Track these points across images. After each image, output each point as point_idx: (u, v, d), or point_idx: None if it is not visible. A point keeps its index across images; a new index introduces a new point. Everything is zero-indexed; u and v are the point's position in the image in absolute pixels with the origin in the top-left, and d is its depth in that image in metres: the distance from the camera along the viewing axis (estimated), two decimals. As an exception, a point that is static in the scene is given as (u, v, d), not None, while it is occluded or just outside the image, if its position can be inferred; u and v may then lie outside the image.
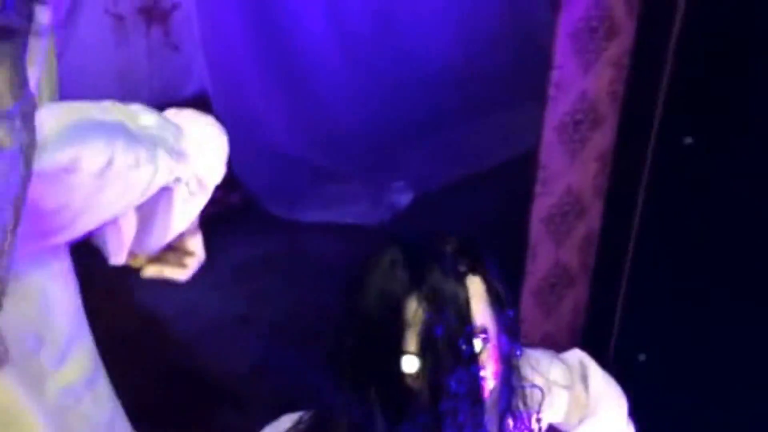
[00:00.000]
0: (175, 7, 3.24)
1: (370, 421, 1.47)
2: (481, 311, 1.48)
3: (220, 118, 2.07)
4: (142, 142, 1.24)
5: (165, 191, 1.28)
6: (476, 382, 1.47)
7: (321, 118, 2.96)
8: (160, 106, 1.36)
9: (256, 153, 2.84)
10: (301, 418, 1.63)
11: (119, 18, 3.17)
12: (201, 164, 1.32)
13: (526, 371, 1.66)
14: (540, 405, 1.62)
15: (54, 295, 1.28)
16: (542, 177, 2.46)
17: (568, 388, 1.65)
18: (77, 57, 2.73)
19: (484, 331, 1.48)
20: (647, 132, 2.26)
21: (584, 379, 1.67)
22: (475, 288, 1.48)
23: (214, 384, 2.47)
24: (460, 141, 2.97)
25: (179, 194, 1.31)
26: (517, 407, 1.58)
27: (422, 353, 1.43)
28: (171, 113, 1.34)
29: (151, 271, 1.38)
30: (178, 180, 1.29)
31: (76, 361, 1.29)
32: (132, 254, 1.34)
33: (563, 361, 1.69)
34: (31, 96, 0.93)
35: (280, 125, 2.94)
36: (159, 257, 1.38)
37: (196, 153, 1.31)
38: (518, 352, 1.56)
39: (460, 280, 1.45)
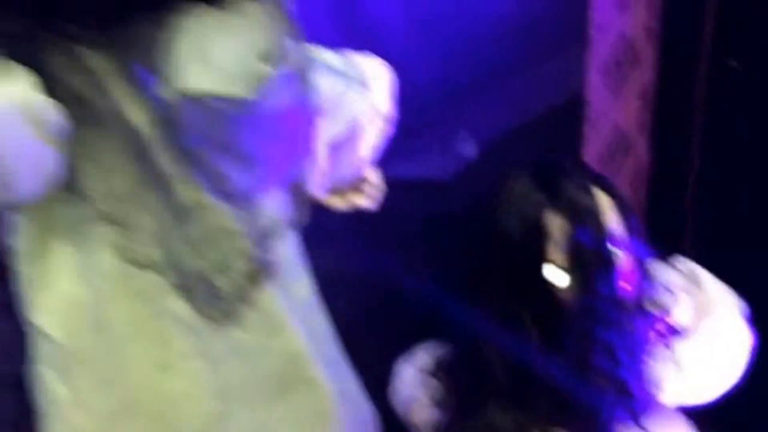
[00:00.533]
0: None
1: (525, 349, 1.50)
2: (613, 220, 1.55)
3: None
4: (344, 76, 1.33)
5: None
6: (616, 285, 1.54)
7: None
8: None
9: None
10: (438, 351, 1.67)
11: None
12: (377, 97, 1.40)
13: (660, 275, 1.72)
14: (669, 307, 1.69)
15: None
16: (590, 117, 2.56)
17: (687, 291, 1.72)
18: None
19: (619, 239, 1.54)
20: (693, 59, 2.35)
21: (697, 282, 1.71)
22: (603, 199, 1.56)
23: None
24: (516, 90, 3.06)
25: (366, 125, 1.38)
26: (650, 309, 1.63)
27: (570, 265, 1.50)
28: (358, 57, 1.42)
29: (340, 202, 1.47)
30: (364, 112, 1.36)
31: (302, 284, 1.36)
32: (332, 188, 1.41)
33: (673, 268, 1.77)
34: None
35: None
36: (354, 188, 1.47)
37: (373, 87, 1.39)
38: (648, 256, 1.62)
39: (590, 192, 1.53)
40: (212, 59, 1.05)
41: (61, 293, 1.21)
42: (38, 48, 1.08)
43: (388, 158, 2.90)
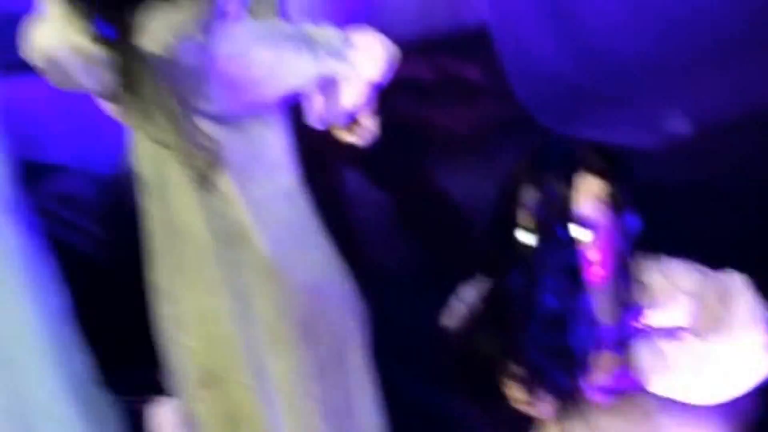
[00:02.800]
0: None
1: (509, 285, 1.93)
2: (588, 206, 1.87)
3: (500, 45, 2.82)
4: (313, 46, 1.86)
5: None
6: (573, 260, 1.87)
7: (593, 47, 3.19)
8: (447, 34, 2.49)
9: (533, 75, 3.07)
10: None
11: None
12: (360, 65, 1.93)
13: (651, 274, 1.99)
14: (654, 303, 1.95)
15: (266, 136, 1.92)
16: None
17: (694, 296, 1.93)
18: None
19: (590, 223, 1.87)
20: None
21: (727, 296, 1.92)
22: (590, 186, 1.88)
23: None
24: (743, 78, 3.13)
25: (343, 82, 1.91)
26: (631, 301, 1.94)
27: (533, 230, 1.88)
28: (357, 34, 1.98)
29: (339, 135, 2.06)
30: (340, 73, 1.91)
31: (275, 180, 1.95)
32: (329, 124, 2.03)
33: (705, 275, 1.97)
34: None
35: (554, 51, 3.17)
36: (348, 128, 2.03)
37: (357, 58, 1.92)
38: (628, 252, 1.95)
39: (569, 177, 1.86)
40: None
41: None
42: None
43: (592, 123, 3.12)
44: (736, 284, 1.96)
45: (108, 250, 2.70)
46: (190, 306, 2.00)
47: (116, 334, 2.51)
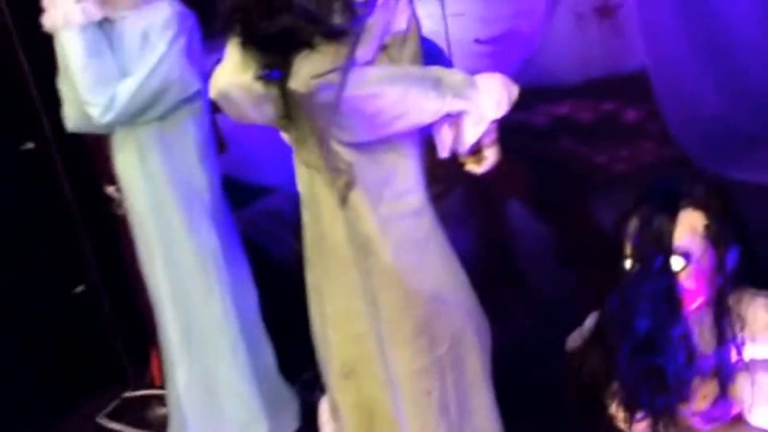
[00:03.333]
0: (619, 4, 4.26)
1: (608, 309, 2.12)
2: (686, 238, 1.99)
3: (658, 88, 2.94)
4: (438, 87, 2.13)
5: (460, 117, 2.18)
6: (671, 289, 1.99)
7: (748, 88, 3.31)
8: (606, 78, 2.45)
9: (689, 116, 3.23)
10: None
11: (581, 15, 4.33)
12: (483, 105, 2.16)
13: (753, 307, 2.09)
14: (752, 337, 2.04)
15: (397, 162, 2.19)
16: None
17: None
18: (551, 43, 3.66)
19: (686, 254, 1.99)
20: None
21: None
22: (690, 219, 2.00)
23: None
24: None
25: (467, 120, 2.17)
26: (730, 332, 2.04)
27: (632, 258, 2.02)
28: (482, 76, 2.19)
29: (464, 165, 2.26)
30: (464, 111, 2.16)
31: (403, 200, 2.21)
32: (456, 154, 2.24)
33: None
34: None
35: (710, 93, 3.32)
36: (471, 158, 2.24)
37: (477, 98, 2.16)
38: (727, 284, 2.03)
39: (672, 211, 1.99)
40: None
41: None
42: None
43: (749, 165, 3.23)
44: None
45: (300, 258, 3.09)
46: (334, 305, 2.35)
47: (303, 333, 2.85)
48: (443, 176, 2.78)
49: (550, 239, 3.02)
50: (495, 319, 2.87)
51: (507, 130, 2.86)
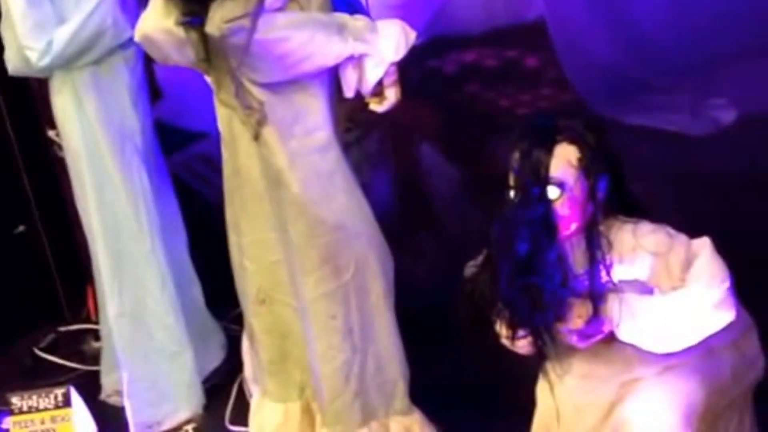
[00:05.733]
0: None
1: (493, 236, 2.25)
2: (560, 169, 2.17)
3: (556, 36, 3.11)
4: (342, 32, 2.33)
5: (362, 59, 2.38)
6: (547, 215, 2.17)
7: (638, 37, 3.49)
8: (509, 27, 2.92)
9: (586, 64, 3.40)
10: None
11: None
12: (382, 48, 2.37)
13: (621, 232, 2.28)
14: (619, 258, 2.23)
15: (306, 101, 2.38)
16: None
17: (655, 254, 2.22)
18: None
19: (561, 183, 2.17)
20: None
21: (692, 256, 2.22)
22: (564, 152, 2.18)
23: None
24: None
25: (368, 62, 2.38)
26: (600, 255, 2.23)
27: (514, 188, 2.21)
28: (383, 22, 2.41)
29: (368, 104, 2.48)
30: (365, 54, 2.35)
31: (311, 137, 2.41)
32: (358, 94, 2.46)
33: (673, 237, 2.25)
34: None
35: (605, 43, 3.48)
36: (375, 99, 2.46)
37: (378, 42, 2.36)
38: (598, 213, 2.24)
39: (549, 145, 2.18)
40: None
41: None
42: None
43: (640, 109, 3.41)
44: (701, 246, 2.23)
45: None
46: (250, 236, 2.54)
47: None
48: (362, 120, 2.98)
49: (459, 178, 3.22)
50: (407, 252, 3.10)
51: (421, 76, 3.06)
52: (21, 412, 2.89)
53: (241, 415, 3.01)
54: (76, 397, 2.97)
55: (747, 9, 3.27)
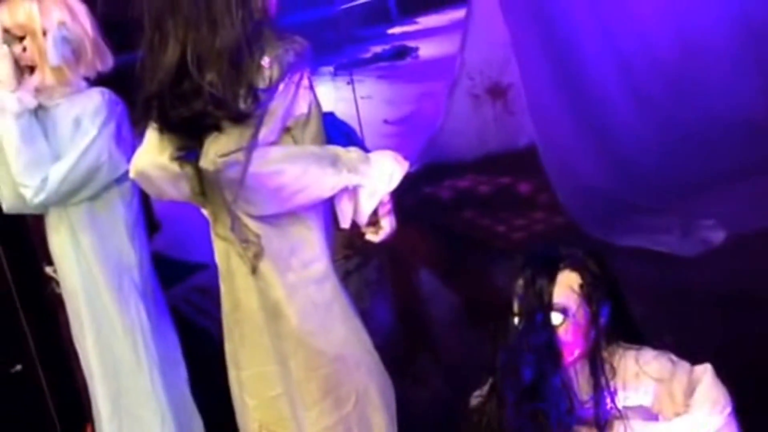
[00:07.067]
0: (510, 86, 4.64)
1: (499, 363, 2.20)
2: (563, 295, 2.18)
3: (547, 162, 3.13)
4: (336, 164, 2.31)
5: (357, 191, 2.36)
6: (552, 341, 2.17)
7: (624, 161, 3.54)
8: (502, 153, 2.67)
9: (576, 187, 3.48)
10: None
11: (476, 96, 4.69)
12: (375, 180, 2.35)
13: (624, 359, 2.28)
14: (623, 385, 2.21)
15: (304, 234, 2.35)
16: None
17: (659, 381, 2.21)
18: (452, 121, 3.99)
19: (564, 309, 2.17)
20: None
21: (694, 382, 2.20)
22: (567, 279, 2.20)
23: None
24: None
25: (362, 193, 2.36)
26: (604, 381, 2.21)
27: (519, 315, 2.19)
28: (376, 154, 2.39)
29: (365, 233, 2.42)
30: (359, 185, 2.34)
31: (308, 269, 2.37)
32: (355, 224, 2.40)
33: (676, 364, 2.23)
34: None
35: (593, 168, 3.56)
36: (371, 228, 2.41)
37: (371, 173, 2.35)
38: (601, 339, 2.22)
39: (552, 273, 2.18)
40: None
41: None
42: None
43: (631, 231, 3.40)
44: (703, 372, 2.20)
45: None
46: (249, 370, 2.48)
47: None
48: (361, 248, 2.97)
49: (457, 303, 3.20)
50: (409, 380, 3.05)
51: (417, 203, 3.05)
52: None
53: None
54: None
55: (732, 133, 3.34)
